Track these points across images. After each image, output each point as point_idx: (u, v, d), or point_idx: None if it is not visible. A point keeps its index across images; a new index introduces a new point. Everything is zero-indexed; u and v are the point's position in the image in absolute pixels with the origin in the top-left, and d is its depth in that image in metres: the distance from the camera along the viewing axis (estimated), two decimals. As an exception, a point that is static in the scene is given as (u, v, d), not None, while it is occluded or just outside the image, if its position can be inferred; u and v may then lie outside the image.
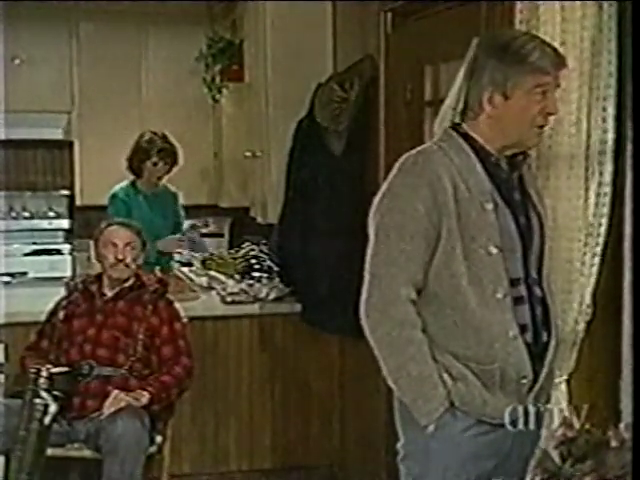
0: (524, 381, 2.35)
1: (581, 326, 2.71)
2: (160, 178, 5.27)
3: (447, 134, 2.40)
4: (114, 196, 5.18)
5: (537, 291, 2.40)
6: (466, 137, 2.38)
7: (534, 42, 2.33)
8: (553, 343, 2.42)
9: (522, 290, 2.37)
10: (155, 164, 5.19)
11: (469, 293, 2.29)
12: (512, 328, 2.32)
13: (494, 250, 2.31)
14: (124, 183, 5.29)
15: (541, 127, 2.37)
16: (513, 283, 2.34)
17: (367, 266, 2.36)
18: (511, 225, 2.35)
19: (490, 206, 2.32)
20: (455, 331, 2.31)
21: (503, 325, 2.31)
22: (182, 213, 5.51)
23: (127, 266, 3.99)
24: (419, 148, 2.43)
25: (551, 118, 2.39)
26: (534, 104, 2.31)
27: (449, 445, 2.32)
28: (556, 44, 2.50)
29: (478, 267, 2.30)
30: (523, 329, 2.35)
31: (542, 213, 2.46)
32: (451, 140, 2.38)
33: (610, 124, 2.67)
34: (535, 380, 2.38)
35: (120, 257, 3.97)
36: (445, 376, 2.31)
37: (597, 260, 2.70)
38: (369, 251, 2.37)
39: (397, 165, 2.39)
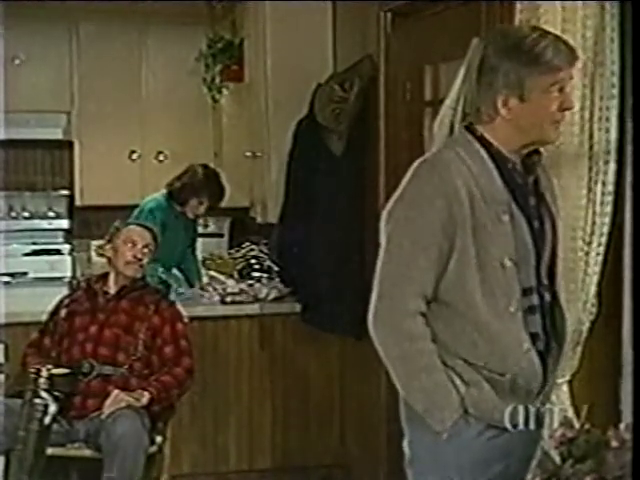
0: (534, 388, 2.34)
1: (585, 326, 2.71)
2: (200, 215, 5.20)
3: (463, 137, 2.33)
4: (151, 212, 5.02)
5: (547, 297, 2.36)
6: (481, 139, 2.31)
7: (546, 39, 2.25)
8: (564, 348, 2.41)
9: (534, 299, 2.33)
10: (201, 203, 5.11)
11: (482, 306, 2.25)
12: (525, 341, 2.29)
13: (509, 263, 2.26)
14: (159, 196, 5.18)
15: (557, 122, 2.31)
16: (525, 292, 2.30)
17: (377, 275, 2.31)
18: (526, 235, 2.30)
19: (506, 217, 2.26)
20: (466, 340, 2.27)
21: (516, 338, 2.28)
22: (197, 238, 5.54)
23: (141, 267, 4.02)
24: (435, 152, 2.35)
25: (567, 113, 2.34)
26: (552, 101, 2.25)
27: (462, 450, 2.29)
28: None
29: (492, 280, 2.25)
30: (535, 338, 2.31)
31: (555, 215, 2.40)
32: (467, 144, 2.30)
33: (613, 123, 2.66)
34: (544, 385, 2.37)
35: (139, 256, 4.00)
36: (457, 381, 2.27)
37: (600, 259, 2.70)
38: (379, 259, 2.31)
39: (412, 170, 2.31)
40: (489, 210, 2.25)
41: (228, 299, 4.83)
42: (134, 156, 6.73)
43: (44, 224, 7.10)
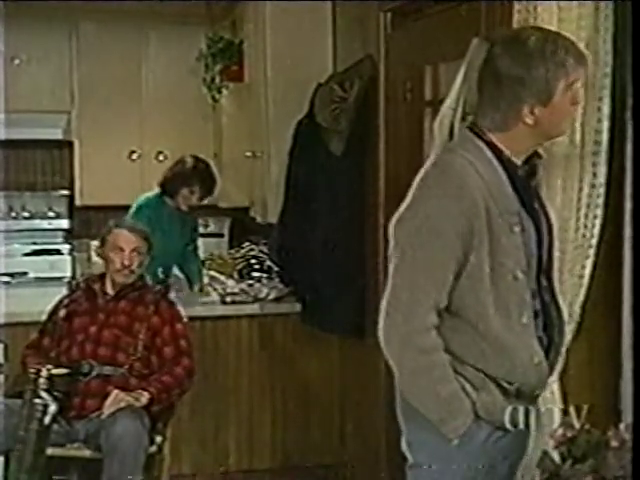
0: (538, 393, 2.36)
1: (571, 327, 2.70)
2: (193, 206, 5.18)
3: (472, 142, 2.27)
4: (139, 210, 5.01)
5: (547, 298, 2.35)
6: (490, 145, 2.26)
7: (561, 42, 2.24)
8: (561, 349, 2.41)
9: (537, 303, 2.32)
10: (192, 192, 5.09)
11: (494, 319, 2.23)
12: (537, 354, 2.29)
13: (520, 275, 2.24)
14: (151, 194, 5.18)
15: (570, 115, 2.32)
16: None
17: (389, 287, 2.25)
18: (533, 242, 2.28)
19: (518, 229, 2.24)
20: (475, 349, 2.26)
21: (528, 351, 2.28)
22: (198, 237, 5.53)
23: (132, 272, 3.99)
24: (445, 158, 2.28)
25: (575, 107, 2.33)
26: (568, 99, 2.25)
27: (473, 455, 2.29)
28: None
29: (505, 293, 2.23)
30: (539, 342, 2.31)
31: (549, 213, 2.39)
32: (477, 151, 2.26)
33: (605, 124, 2.65)
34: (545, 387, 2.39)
35: (126, 263, 3.97)
36: (468, 387, 2.26)
37: (590, 261, 2.69)
38: (392, 271, 2.25)
39: (423, 177, 2.26)
40: (503, 222, 2.22)
41: (228, 299, 4.84)
42: (134, 156, 6.74)
43: (44, 224, 7.10)
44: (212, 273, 5.59)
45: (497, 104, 2.25)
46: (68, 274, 6.71)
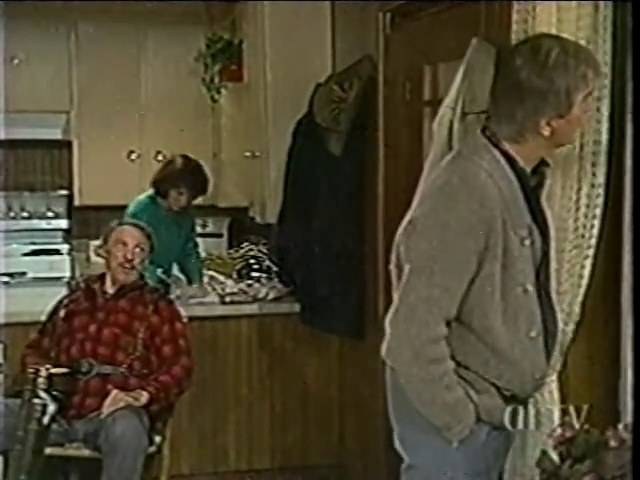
0: (532, 395, 2.39)
1: (570, 327, 2.69)
2: (184, 206, 5.13)
3: (487, 150, 2.26)
4: (134, 217, 4.82)
5: (545, 301, 2.35)
6: (505, 154, 2.25)
7: (585, 56, 2.24)
8: (555, 349, 2.42)
9: None
10: (181, 194, 5.06)
11: (501, 332, 2.24)
12: (540, 370, 2.31)
13: (530, 288, 2.25)
14: (143, 197, 5.16)
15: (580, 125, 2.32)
16: None
17: (401, 296, 2.24)
18: (540, 254, 2.29)
19: (528, 242, 2.24)
20: (479, 357, 2.26)
21: (532, 366, 2.30)
22: (196, 238, 5.51)
23: (133, 268, 4.00)
24: (464, 167, 2.26)
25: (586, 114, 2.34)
26: (583, 110, 2.26)
27: (473, 456, 2.30)
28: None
29: (514, 306, 2.24)
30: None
31: (549, 220, 2.38)
32: (494, 161, 2.24)
33: (604, 125, 2.65)
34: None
35: (129, 257, 3.98)
36: (470, 391, 2.27)
37: (589, 262, 2.68)
38: (405, 278, 2.24)
39: (443, 187, 2.24)
40: (515, 236, 2.22)
41: (227, 299, 4.84)
42: (133, 156, 6.74)
43: (43, 224, 7.10)
44: (211, 273, 5.59)
45: (515, 115, 2.23)
46: (67, 274, 6.70)
